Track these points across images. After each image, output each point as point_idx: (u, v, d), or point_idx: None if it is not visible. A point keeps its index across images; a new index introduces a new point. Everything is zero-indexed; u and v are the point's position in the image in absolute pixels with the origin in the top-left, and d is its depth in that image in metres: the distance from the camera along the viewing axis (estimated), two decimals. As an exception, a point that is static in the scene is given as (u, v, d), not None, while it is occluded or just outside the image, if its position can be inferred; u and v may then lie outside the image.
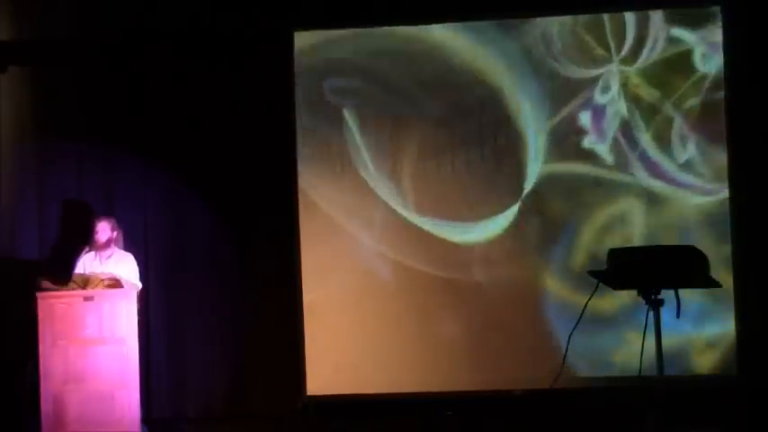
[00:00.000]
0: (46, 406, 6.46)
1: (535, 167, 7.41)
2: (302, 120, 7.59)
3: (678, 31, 7.31)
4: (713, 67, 7.28)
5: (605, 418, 6.71)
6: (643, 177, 7.31)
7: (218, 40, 7.55)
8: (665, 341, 5.10)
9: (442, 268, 7.46)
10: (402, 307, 7.47)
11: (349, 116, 7.58)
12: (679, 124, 7.29)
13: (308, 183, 7.58)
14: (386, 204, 7.53)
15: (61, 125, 7.63)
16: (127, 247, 7.11)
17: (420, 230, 7.49)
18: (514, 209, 7.43)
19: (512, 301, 7.39)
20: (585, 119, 7.37)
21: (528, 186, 7.41)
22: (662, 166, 7.30)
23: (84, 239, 7.00)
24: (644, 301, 5.07)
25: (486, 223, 7.46)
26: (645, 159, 7.31)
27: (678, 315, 5.11)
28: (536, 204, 7.41)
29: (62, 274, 6.87)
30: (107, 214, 7.26)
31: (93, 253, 6.98)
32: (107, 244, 6.99)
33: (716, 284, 5.25)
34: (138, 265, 7.14)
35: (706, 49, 7.29)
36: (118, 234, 7.07)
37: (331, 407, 7.41)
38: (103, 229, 6.98)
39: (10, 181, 7.64)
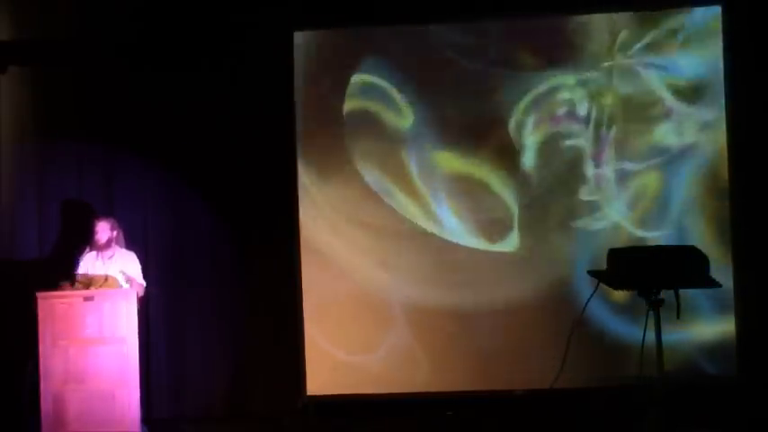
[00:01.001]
0: (46, 406, 6.45)
1: (533, 172, 7.45)
2: (302, 119, 7.59)
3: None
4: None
5: (605, 418, 6.71)
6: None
7: (218, 40, 7.54)
8: (665, 341, 5.11)
9: (441, 268, 7.46)
10: (402, 307, 7.47)
11: (349, 115, 7.59)
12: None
13: (309, 183, 7.58)
14: (386, 204, 7.53)
15: (61, 125, 7.63)
16: (127, 247, 7.10)
17: (420, 230, 7.49)
18: (515, 210, 7.44)
19: (512, 302, 7.39)
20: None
21: (528, 191, 7.44)
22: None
23: (85, 239, 6.98)
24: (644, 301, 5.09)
25: (486, 224, 7.46)
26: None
27: (678, 315, 5.12)
28: (536, 207, 7.43)
29: (63, 274, 6.89)
30: (107, 214, 7.25)
31: (94, 253, 6.96)
32: (108, 244, 6.97)
33: (716, 284, 5.26)
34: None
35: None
36: (118, 233, 7.06)
37: (331, 407, 7.41)
38: (103, 229, 6.97)
39: (10, 181, 7.63)
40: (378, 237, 7.52)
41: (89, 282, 6.77)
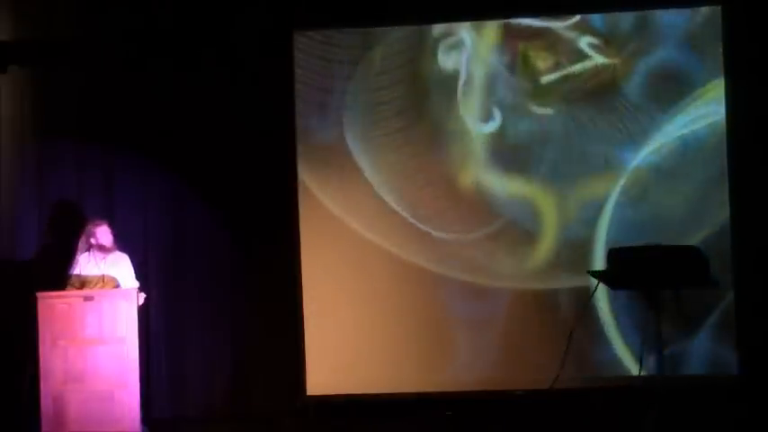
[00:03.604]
0: (46, 406, 6.44)
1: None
2: (302, 119, 7.59)
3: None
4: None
5: (605, 418, 6.72)
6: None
7: (218, 40, 7.54)
8: (665, 341, 5.12)
9: (442, 268, 7.46)
10: (402, 307, 7.47)
11: (350, 114, 7.59)
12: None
13: (309, 183, 7.58)
14: (387, 204, 7.53)
15: (61, 125, 7.63)
16: (127, 248, 7.08)
17: (421, 230, 7.49)
18: (513, 207, 7.44)
19: (512, 301, 7.39)
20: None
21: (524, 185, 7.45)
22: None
23: (86, 240, 6.95)
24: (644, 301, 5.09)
25: (485, 222, 7.46)
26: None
27: (678, 315, 5.13)
28: (533, 202, 7.43)
29: (61, 274, 6.88)
30: (107, 214, 7.26)
31: (87, 254, 6.92)
32: (112, 246, 6.93)
33: (716, 284, 5.26)
34: (138, 265, 7.14)
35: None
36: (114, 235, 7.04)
37: (331, 407, 7.41)
38: (106, 233, 6.92)
39: (10, 181, 7.63)
40: (379, 236, 7.52)
41: (82, 283, 6.76)
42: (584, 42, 7.39)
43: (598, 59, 7.37)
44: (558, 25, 7.40)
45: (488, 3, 7.47)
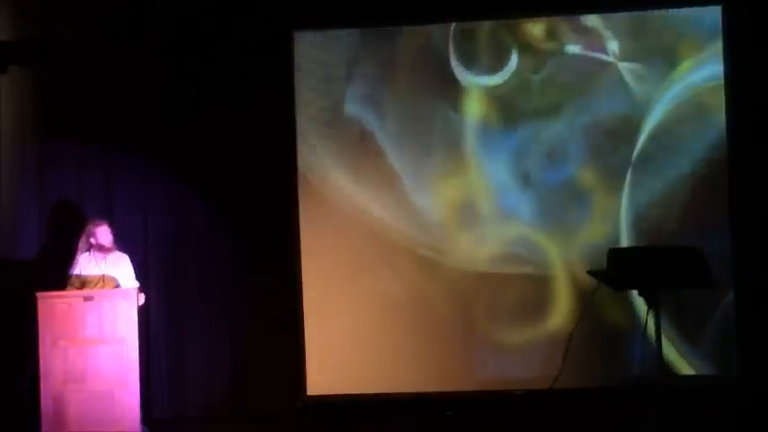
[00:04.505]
0: (46, 406, 6.44)
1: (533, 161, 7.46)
2: (302, 119, 7.59)
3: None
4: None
5: (605, 418, 6.72)
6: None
7: (218, 40, 7.54)
8: (665, 341, 5.11)
9: (443, 268, 7.46)
10: (403, 307, 7.47)
11: (350, 114, 7.59)
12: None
13: (309, 183, 7.58)
14: (387, 205, 7.53)
15: (61, 125, 7.63)
16: (127, 248, 7.09)
17: (423, 229, 7.48)
18: (518, 203, 7.44)
19: (513, 301, 7.39)
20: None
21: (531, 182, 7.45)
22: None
23: (86, 240, 6.95)
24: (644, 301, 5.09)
25: (488, 222, 7.46)
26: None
27: (678, 315, 5.13)
28: (541, 199, 7.43)
29: (61, 274, 6.89)
30: (107, 214, 7.26)
31: (87, 254, 6.92)
32: (111, 246, 6.93)
33: (716, 284, 5.26)
34: (139, 265, 7.14)
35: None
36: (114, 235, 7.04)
37: (331, 407, 7.41)
38: (106, 233, 6.93)
39: (10, 181, 7.63)
40: (380, 236, 7.52)
41: (82, 283, 6.76)
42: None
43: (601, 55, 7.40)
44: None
45: (489, 3, 7.47)
